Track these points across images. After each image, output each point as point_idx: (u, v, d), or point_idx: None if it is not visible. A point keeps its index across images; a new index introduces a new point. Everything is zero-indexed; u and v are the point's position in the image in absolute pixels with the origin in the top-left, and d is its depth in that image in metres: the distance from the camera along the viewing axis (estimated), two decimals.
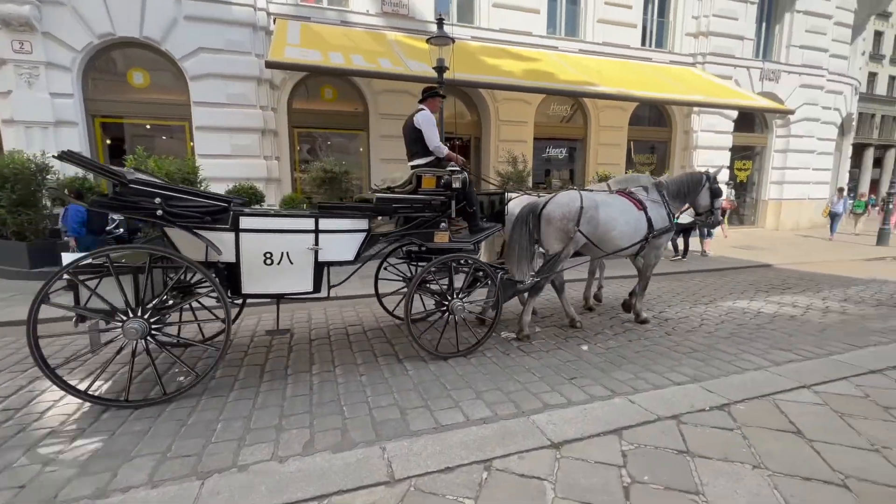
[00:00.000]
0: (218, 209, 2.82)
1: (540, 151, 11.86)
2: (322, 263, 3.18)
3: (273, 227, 3.04)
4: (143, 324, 2.64)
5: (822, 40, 13.67)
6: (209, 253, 2.84)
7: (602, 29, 11.50)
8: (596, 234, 4.00)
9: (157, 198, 2.65)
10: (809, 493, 1.74)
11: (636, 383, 2.98)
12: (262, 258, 3.00)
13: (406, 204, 3.43)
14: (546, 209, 3.99)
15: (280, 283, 3.10)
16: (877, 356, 3.19)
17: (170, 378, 3.06)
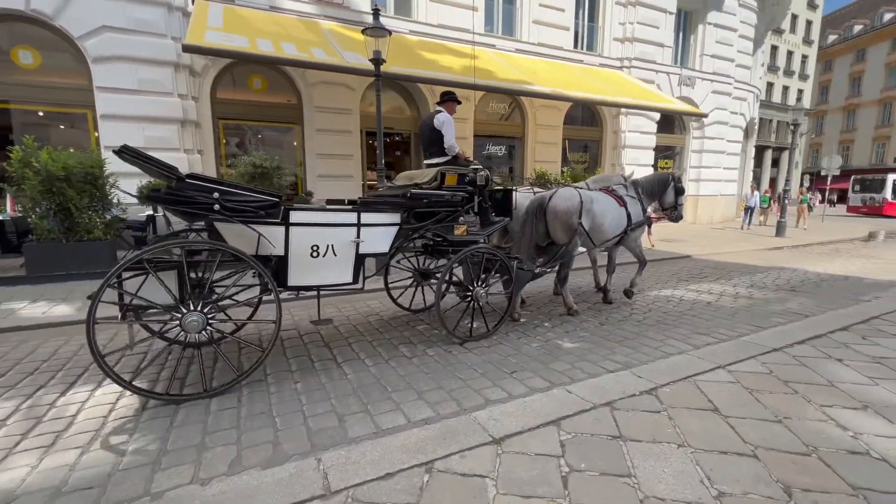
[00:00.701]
0: (270, 204, 2.91)
1: (480, 148, 12.05)
2: (362, 255, 3.37)
3: (320, 220, 3.19)
4: (202, 317, 2.71)
5: (729, 51, 15.16)
6: (260, 247, 2.93)
7: (537, 30, 11.91)
8: (592, 227, 4.51)
9: (216, 193, 2.73)
10: (725, 465, 1.89)
11: (573, 373, 3.10)
12: (310, 251, 3.14)
13: (437, 199, 3.69)
14: (551, 203, 4.42)
15: (323, 275, 3.25)
16: (778, 336, 3.57)
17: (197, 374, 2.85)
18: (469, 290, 3.87)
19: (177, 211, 2.79)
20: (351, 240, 3.29)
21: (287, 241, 3.04)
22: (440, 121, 4.13)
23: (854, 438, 2.08)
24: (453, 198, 3.74)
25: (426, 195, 3.64)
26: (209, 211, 2.73)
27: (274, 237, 2.98)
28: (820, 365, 2.96)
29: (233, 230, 2.87)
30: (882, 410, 2.35)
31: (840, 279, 6.75)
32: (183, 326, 2.66)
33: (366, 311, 4.77)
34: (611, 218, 4.66)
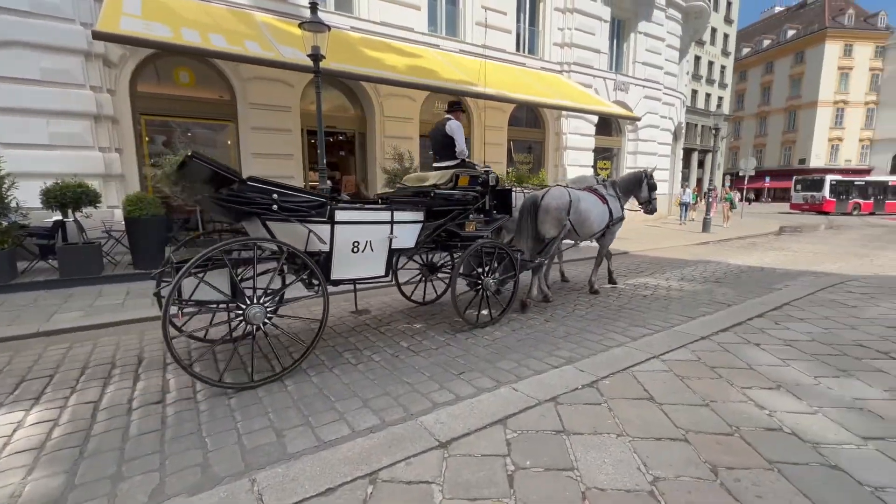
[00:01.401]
0: (320, 204, 3.20)
1: (427, 149, 12.03)
2: (395, 250, 3.71)
3: (361, 219, 3.49)
4: (262, 309, 2.93)
5: (658, 59, 16.27)
6: (310, 243, 3.19)
7: (480, 32, 12.10)
8: (579, 222, 5.03)
9: (275, 194, 2.99)
10: (660, 451, 2.00)
11: (520, 371, 3.15)
12: (351, 247, 3.43)
13: (456, 198, 4.11)
14: (544, 201, 4.89)
15: (361, 269, 3.57)
16: (705, 325, 3.86)
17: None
18: (479, 281, 4.25)
19: (231, 210, 3.02)
20: (386, 236, 3.63)
21: (332, 238, 3.31)
22: (451, 128, 4.53)
23: (770, 416, 2.28)
24: (465, 197, 4.18)
25: (448, 195, 4.06)
26: (268, 210, 3.00)
27: (322, 234, 3.23)
28: (741, 350, 3.23)
29: (285, 229, 3.13)
30: (792, 389, 2.60)
31: (757, 270, 7.44)
32: (247, 318, 2.89)
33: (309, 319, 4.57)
34: (595, 214, 5.22)
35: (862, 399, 2.46)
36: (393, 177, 8.65)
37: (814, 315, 4.12)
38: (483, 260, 4.25)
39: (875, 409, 2.34)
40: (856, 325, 3.81)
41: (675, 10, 16.90)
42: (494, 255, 4.30)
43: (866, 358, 3.06)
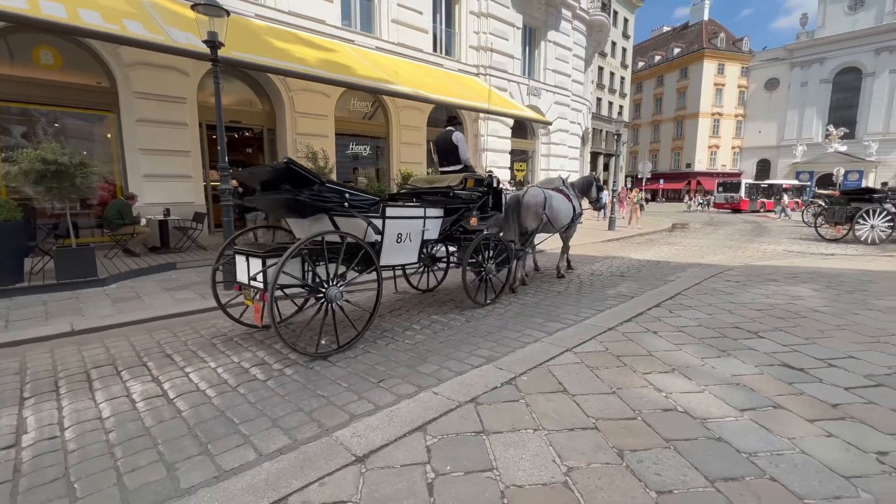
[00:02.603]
0: (375, 202, 3.88)
1: (343, 147, 11.72)
2: (425, 241, 4.51)
3: (405, 214, 4.26)
4: (338, 290, 3.60)
5: (566, 67, 17.47)
6: (367, 235, 3.85)
7: (396, 29, 12.04)
8: (553, 216, 6.07)
9: (346, 193, 3.65)
10: (573, 441, 2.11)
11: (441, 374, 3.16)
12: (396, 237, 4.14)
13: (467, 197, 4.92)
14: (525, 199, 5.91)
15: (402, 257, 4.30)
16: (611, 316, 4.19)
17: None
18: (482, 267, 5.06)
19: (305, 208, 3.56)
20: (420, 229, 4.41)
21: (383, 230, 3.98)
22: (456, 138, 5.44)
23: (666, 398, 2.52)
24: (471, 196, 4.97)
25: (462, 195, 4.87)
26: (338, 207, 3.63)
27: (379, 227, 3.93)
28: (641, 338, 3.55)
29: (347, 223, 3.77)
30: (684, 371, 2.90)
31: (654, 264, 8.29)
32: (328, 297, 3.55)
33: (212, 333, 4.18)
34: (564, 210, 6.32)
35: (738, 375, 2.82)
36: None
37: (700, 302, 4.67)
38: (484, 249, 5.10)
39: (748, 384, 2.69)
40: (733, 309, 4.39)
41: (580, 22, 18.27)
42: (493, 245, 5.18)
43: (741, 338, 3.53)
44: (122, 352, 3.66)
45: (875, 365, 2.97)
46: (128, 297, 5.27)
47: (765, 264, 7.42)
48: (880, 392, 2.57)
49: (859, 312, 4.26)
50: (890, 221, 11.18)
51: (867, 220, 11.23)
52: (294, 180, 3.41)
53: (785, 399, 2.49)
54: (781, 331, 3.71)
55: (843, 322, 3.95)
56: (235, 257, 3.83)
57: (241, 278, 3.78)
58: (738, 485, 1.78)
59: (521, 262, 6.17)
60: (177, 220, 8.47)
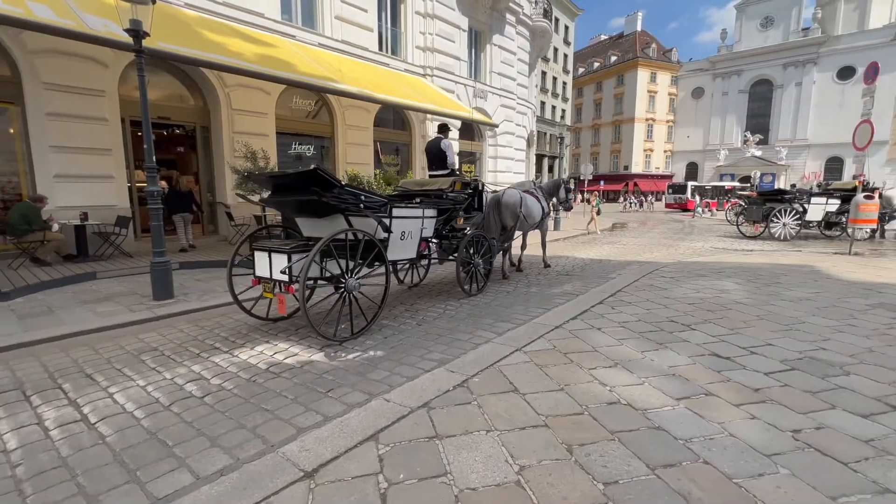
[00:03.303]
0: (384, 203, 4.40)
1: (286, 147, 11.30)
2: (423, 238, 5.04)
3: (407, 214, 4.73)
4: (356, 281, 4.10)
5: (511, 71, 17.95)
6: (377, 232, 4.36)
7: (340, 26, 11.80)
8: (527, 214, 6.74)
9: (362, 195, 4.21)
10: (524, 439, 2.16)
11: (392, 379, 3.12)
12: (400, 235, 4.65)
13: (458, 199, 5.64)
14: (503, 200, 6.55)
15: (402, 253, 4.79)
16: (559, 314, 4.34)
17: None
18: (471, 262, 5.70)
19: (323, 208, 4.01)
20: (420, 227, 4.97)
21: (390, 228, 4.48)
22: (445, 145, 6.18)
23: (610, 392, 2.66)
24: (459, 198, 5.63)
25: (454, 196, 5.54)
26: (356, 208, 4.11)
27: (386, 225, 4.45)
28: (587, 335, 3.71)
29: (359, 221, 4.22)
30: (626, 364, 3.07)
31: (597, 262, 8.71)
32: (347, 288, 4.01)
33: (138, 348, 3.87)
34: (536, 209, 7.02)
35: (674, 367, 3.02)
36: (245, 177, 7.84)
37: (639, 298, 4.96)
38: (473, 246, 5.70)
39: (683, 374, 2.90)
40: (668, 304, 4.71)
41: (523, 27, 18.85)
42: (480, 242, 5.82)
43: (675, 331, 3.79)
44: (31, 374, 3.29)
45: (789, 351, 3.30)
46: (38, 313, 4.76)
47: (695, 260, 8.02)
48: (793, 375, 2.86)
49: (775, 303, 4.71)
50: (798, 219, 12.50)
51: (780, 218, 12.48)
52: (320, 184, 3.85)
53: (715, 386, 2.71)
54: (710, 322, 4.03)
55: (761, 312, 4.35)
56: (255, 254, 4.19)
57: (260, 273, 4.16)
58: (675, 470, 1.90)
59: (508, 253, 7.40)
60: (97, 226, 7.76)
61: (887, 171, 44.66)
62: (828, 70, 48.05)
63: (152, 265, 5.28)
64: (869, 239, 12.16)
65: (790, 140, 49.80)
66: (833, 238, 12.93)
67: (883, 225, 12.43)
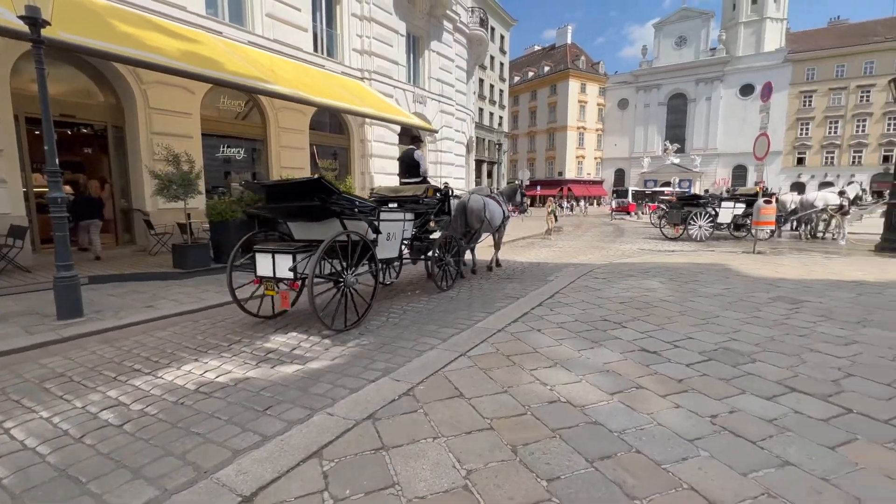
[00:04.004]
0: (374, 207, 5.08)
1: (213, 150, 10.67)
2: (404, 240, 5.72)
3: (392, 217, 5.44)
4: (354, 277, 4.65)
5: (450, 77, 18.25)
6: (367, 234, 4.97)
7: (272, 25, 11.38)
8: (490, 218, 7.47)
9: (356, 201, 4.81)
10: (470, 444, 2.21)
11: (335, 392, 3.05)
12: (386, 236, 5.33)
13: (431, 204, 6.39)
14: (469, 205, 7.31)
15: (388, 252, 5.47)
16: (500, 318, 4.47)
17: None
18: (442, 260, 6.42)
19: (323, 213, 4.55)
20: (402, 229, 5.62)
21: (379, 230, 5.07)
22: (418, 155, 6.99)
23: (551, 391, 2.78)
24: (431, 202, 6.41)
25: (428, 202, 6.32)
26: (352, 212, 4.67)
27: (376, 227, 5.04)
28: (528, 336, 3.85)
29: (354, 225, 4.77)
30: (565, 364, 3.23)
31: (535, 265, 9.06)
32: (346, 283, 4.52)
33: (40, 375, 3.46)
34: (497, 213, 7.74)
35: (608, 363, 3.23)
36: (167, 183, 7.30)
37: (575, 299, 5.24)
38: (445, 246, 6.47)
39: (616, 370, 3.11)
40: (601, 303, 5.01)
41: (461, 35, 19.27)
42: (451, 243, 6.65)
43: (608, 329, 4.05)
44: None
45: (706, 343, 3.65)
46: None
47: (624, 261, 8.61)
48: (710, 365, 3.17)
49: (693, 300, 5.19)
50: (711, 222, 13.84)
51: (696, 221, 13.73)
52: (324, 191, 4.33)
53: (644, 379, 2.93)
54: (639, 320, 4.34)
55: (682, 309, 4.77)
56: (256, 255, 4.53)
57: (263, 273, 4.50)
58: (611, 461, 2.04)
59: (473, 253, 8.06)
60: None
61: (782, 177, 50.76)
62: (732, 87, 53.81)
63: (56, 280, 4.76)
64: (769, 238, 13.74)
65: (703, 149, 55.09)
66: (740, 238, 14.44)
67: (780, 226, 14.10)
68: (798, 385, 2.82)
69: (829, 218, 13.88)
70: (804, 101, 50.71)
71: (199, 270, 7.42)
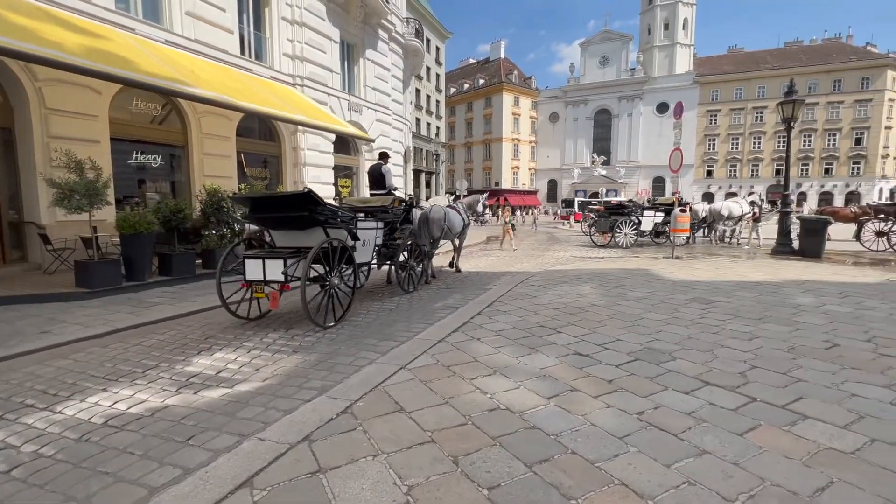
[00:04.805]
0: (352, 217, 5.72)
1: (124, 156, 9.81)
2: (375, 246, 6.44)
3: (367, 226, 6.15)
4: (340, 279, 5.33)
5: (386, 86, 18.26)
6: (347, 240, 5.58)
7: (193, 24, 10.75)
8: (450, 226, 8.27)
9: (339, 211, 5.47)
10: (412, 458, 2.19)
11: (268, 415, 2.89)
12: (362, 242, 6.00)
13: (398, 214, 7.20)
14: (430, 215, 7.97)
15: (363, 257, 6.12)
16: (441, 328, 4.50)
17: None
18: (407, 264, 7.13)
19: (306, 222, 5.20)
20: (374, 236, 6.29)
21: (356, 237, 5.76)
22: (385, 170, 7.92)
23: (490, 399, 2.84)
24: (398, 212, 7.15)
25: (396, 212, 7.04)
26: (335, 221, 5.37)
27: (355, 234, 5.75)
28: (468, 346, 3.91)
29: (335, 232, 5.45)
30: (504, 371, 3.32)
31: (475, 274, 9.24)
32: (332, 284, 5.16)
33: None
34: (457, 222, 8.60)
35: (545, 368, 3.36)
36: (68, 192, 6.57)
37: (512, 307, 5.41)
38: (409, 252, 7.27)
39: (552, 374, 3.24)
40: (537, 310, 5.21)
41: (396, 44, 19.38)
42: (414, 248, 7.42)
43: (545, 335, 4.22)
44: None
45: (633, 344, 3.92)
46: None
47: (558, 269, 9.03)
48: (637, 365, 3.40)
49: (621, 303, 5.55)
50: (635, 229, 14.93)
51: (622, 229, 14.75)
52: (311, 203, 4.94)
53: (578, 382, 3.08)
54: (573, 325, 4.57)
55: (611, 312, 5.09)
56: (246, 261, 4.96)
57: (252, 277, 4.95)
58: (549, 464, 2.12)
59: (430, 259, 8.39)
60: None
61: (695, 188, 56.00)
62: (650, 104, 58.85)
63: None
64: (685, 244, 15.08)
65: (626, 161, 59.56)
66: (661, 244, 15.71)
67: (694, 232, 15.53)
68: (712, 379, 3.11)
69: (735, 224, 15.56)
70: (710, 119, 56.62)
71: (107, 290, 6.73)
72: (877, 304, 5.35)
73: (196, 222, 8.93)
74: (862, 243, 12.83)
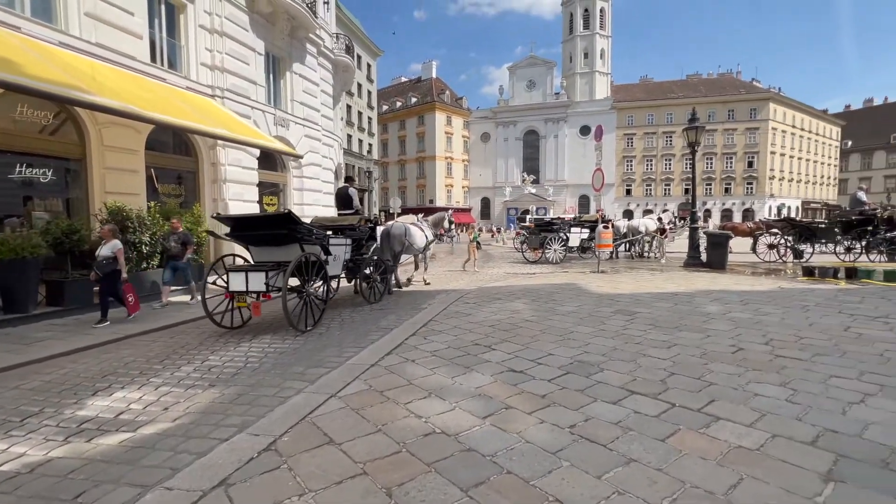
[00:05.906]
0: (325, 235, 6.75)
1: (6, 170, 8.67)
2: (345, 261, 7.46)
3: (339, 242, 7.14)
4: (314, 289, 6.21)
5: (315, 101, 17.90)
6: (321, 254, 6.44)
7: (94, 26, 9.88)
8: (411, 242, 9.07)
9: (314, 229, 6.40)
10: (341, 494, 2.08)
11: (177, 460, 2.62)
12: (334, 257, 6.85)
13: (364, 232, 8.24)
14: (391, 232, 8.97)
15: (335, 270, 7.02)
16: (374, 352, 4.39)
17: None
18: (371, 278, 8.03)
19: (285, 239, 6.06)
20: (344, 252, 7.35)
21: (329, 252, 6.72)
22: (351, 192, 8.92)
23: (425, 423, 2.79)
24: (363, 230, 8.17)
25: (362, 230, 8.10)
26: (309, 238, 6.18)
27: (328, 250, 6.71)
28: (402, 368, 3.84)
29: (310, 248, 6.24)
30: (439, 392, 3.28)
31: (408, 294, 9.17)
32: (308, 292, 5.96)
33: None
34: (419, 238, 9.35)
35: (480, 387, 3.38)
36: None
37: (447, 326, 5.42)
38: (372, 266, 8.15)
39: (487, 393, 3.26)
40: (472, 328, 5.27)
41: (325, 59, 19.14)
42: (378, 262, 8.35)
43: (479, 353, 4.26)
44: None
45: (563, 358, 4.07)
46: None
47: (492, 286, 9.24)
48: (568, 378, 3.53)
49: (552, 318, 5.77)
50: (564, 245, 15.74)
51: (552, 245, 15.47)
52: (291, 222, 5.79)
53: (512, 399, 3.13)
54: (507, 341, 4.66)
55: (543, 327, 5.27)
56: (230, 274, 5.67)
57: (235, 288, 5.63)
58: (485, 487, 2.10)
59: (396, 272, 9.39)
60: None
61: (616, 206, 60.38)
62: (574, 127, 63.01)
63: None
64: (609, 259, 16.12)
65: (554, 180, 62.99)
66: (587, 259, 16.67)
67: (616, 248, 16.67)
68: (636, 388, 3.30)
69: (651, 240, 16.94)
70: (627, 142, 61.77)
71: None
72: (771, 309, 6.03)
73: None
74: (757, 255, 14.48)
